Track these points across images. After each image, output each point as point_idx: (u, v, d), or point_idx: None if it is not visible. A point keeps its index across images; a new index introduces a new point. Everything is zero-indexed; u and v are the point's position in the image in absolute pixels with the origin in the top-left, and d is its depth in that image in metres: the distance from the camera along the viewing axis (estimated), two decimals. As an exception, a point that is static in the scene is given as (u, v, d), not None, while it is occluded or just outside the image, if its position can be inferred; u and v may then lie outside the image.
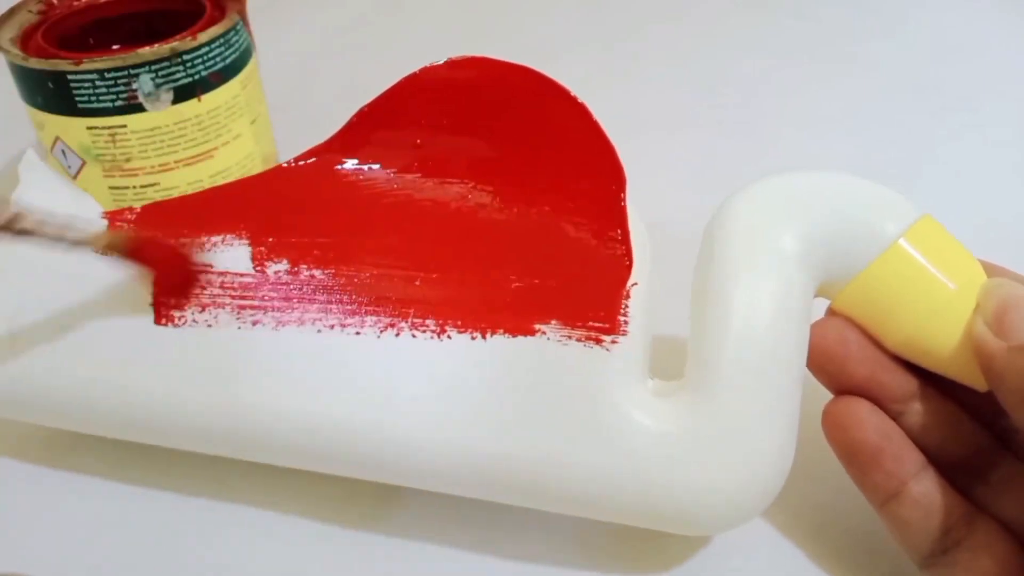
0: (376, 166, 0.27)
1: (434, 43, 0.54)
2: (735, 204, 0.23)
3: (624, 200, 0.24)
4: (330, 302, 0.24)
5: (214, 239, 0.25)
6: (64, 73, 0.31)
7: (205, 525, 0.26)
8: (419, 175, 0.27)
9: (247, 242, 0.25)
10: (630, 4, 0.58)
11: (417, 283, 0.24)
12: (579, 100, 0.25)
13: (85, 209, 0.27)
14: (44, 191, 0.26)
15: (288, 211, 0.26)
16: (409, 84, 0.26)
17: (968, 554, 0.21)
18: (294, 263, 0.25)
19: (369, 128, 0.27)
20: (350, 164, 0.27)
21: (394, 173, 0.27)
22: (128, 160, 0.32)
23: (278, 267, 0.25)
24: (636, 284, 0.23)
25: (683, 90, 0.47)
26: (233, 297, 0.24)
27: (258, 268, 0.25)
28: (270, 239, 0.25)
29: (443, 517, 0.25)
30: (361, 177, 0.27)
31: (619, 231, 0.24)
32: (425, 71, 0.26)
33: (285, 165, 0.27)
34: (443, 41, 0.54)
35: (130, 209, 0.26)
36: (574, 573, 0.24)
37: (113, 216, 0.26)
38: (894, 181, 0.39)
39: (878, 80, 0.48)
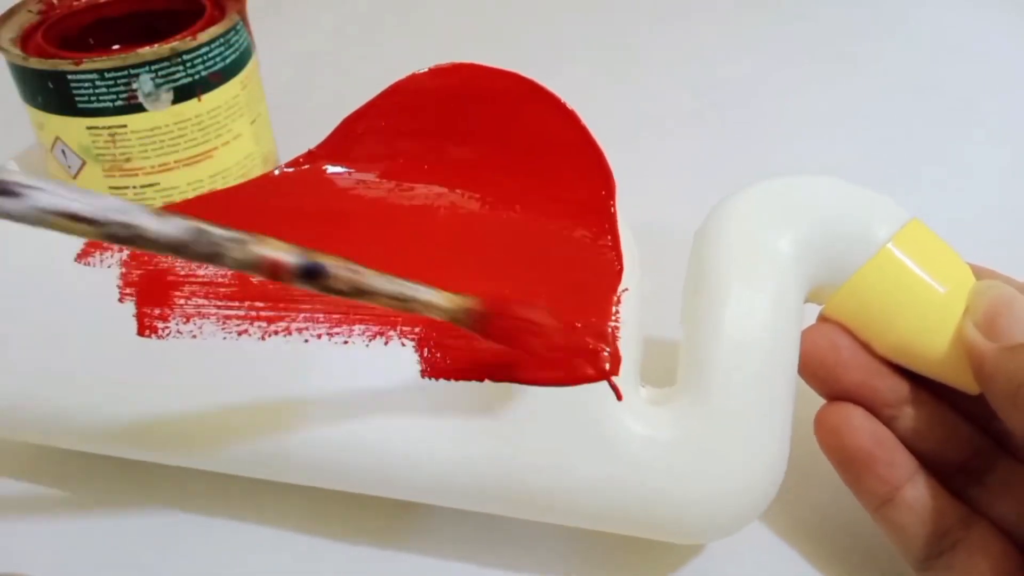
0: (364, 173, 0.27)
1: (435, 43, 0.54)
2: (726, 209, 0.23)
3: (614, 206, 0.24)
4: (316, 311, 0.23)
5: None
6: (64, 73, 0.31)
7: (204, 539, 0.25)
8: (407, 182, 0.26)
9: None
10: (628, 4, 0.58)
11: None
12: (568, 106, 0.25)
13: (64, 237, 0.26)
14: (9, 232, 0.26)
15: (274, 219, 0.26)
16: (396, 91, 0.26)
17: (964, 556, 0.21)
18: None
19: (356, 135, 0.27)
20: (337, 171, 0.27)
21: (381, 180, 0.26)
22: (128, 160, 0.32)
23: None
24: (627, 290, 0.23)
25: (681, 91, 0.47)
26: (218, 307, 0.24)
27: (243, 277, 0.24)
28: None
29: (435, 527, 0.25)
30: (348, 184, 0.26)
31: (609, 237, 0.24)
32: (411, 78, 0.26)
33: (271, 173, 0.27)
34: (443, 41, 0.54)
35: None
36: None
37: None
38: (894, 181, 0.40)
39: (878, 80, 0.48)
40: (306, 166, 0.27)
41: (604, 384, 0.22)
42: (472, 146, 0.26)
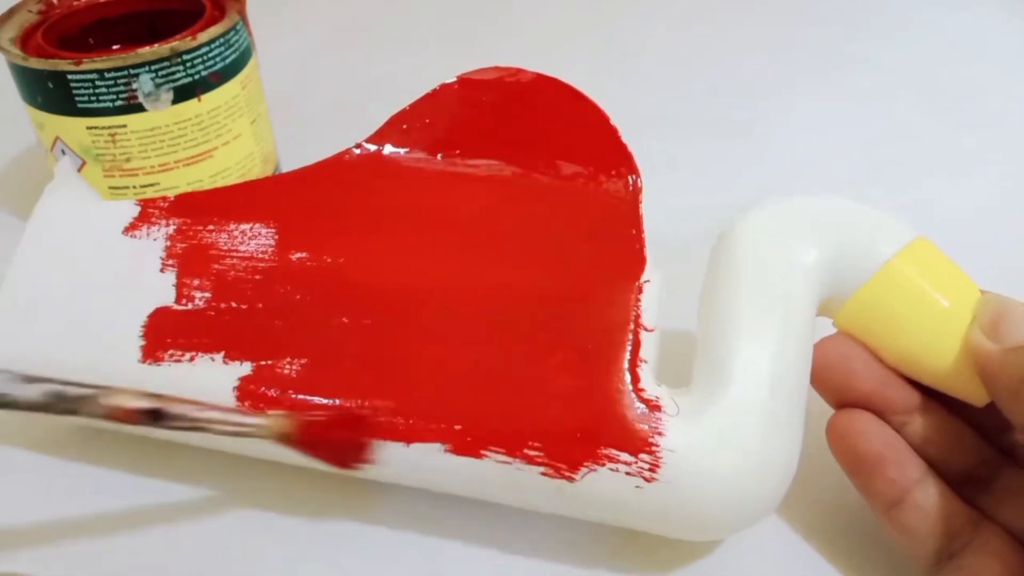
0: (408, 156, 0.28)
1: (434, 43, 0.54)
2: (742, 227, 0.24)
3: (640, 202, 0.26)
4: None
5: (243, 227, 0.26)
6: (64, 73, 0.31)
7: (203, 519, 0.26)
8: (446, 175, 0.27)
9: (274, 230, 0.26)
10: (632, 5, 0.58)
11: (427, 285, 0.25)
12: (600, 108, 0.26)
13: (114, 212, 0.27)
14: (72, 194, 0.28)
15: (317, 204, 0.27)
16: (439, 92, 0.28)
17: (973, 559, 0.21)
18: (316, 251, 0.26)
19: (400, 131, 0.28)
20: (393, 152, 0.28)
21: (423, 171, 0.28)
22: (128, 160, 0.32)
23: (301, 255, 0.26)
24: (648, 281, 0.24)
25: (685, 92, 0.47)
26: (257, 280, 0.25)
27: (282, 254, 0.26)
28: (296, 229, 0.26)
29: (442, 512, 0.25)
30: (389, 177, 0.28)
31: (634, 230, 0.25)
32: (456, 80, 0.28)
33: (322, 161, 0.28)
34: (443, 41, 0.54)
35: (163, 197, 0.27)
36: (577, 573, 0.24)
37: (146, 204, 0.27)
38: (897, 183, 0.40)
39: (882, 82, 0.48)
40: (355, 156, 0.28)
41: (626, 383, 0.22)
42: (508, 143, 0.27)
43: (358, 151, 0.28)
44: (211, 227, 0.26)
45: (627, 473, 0.21)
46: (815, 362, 0.23)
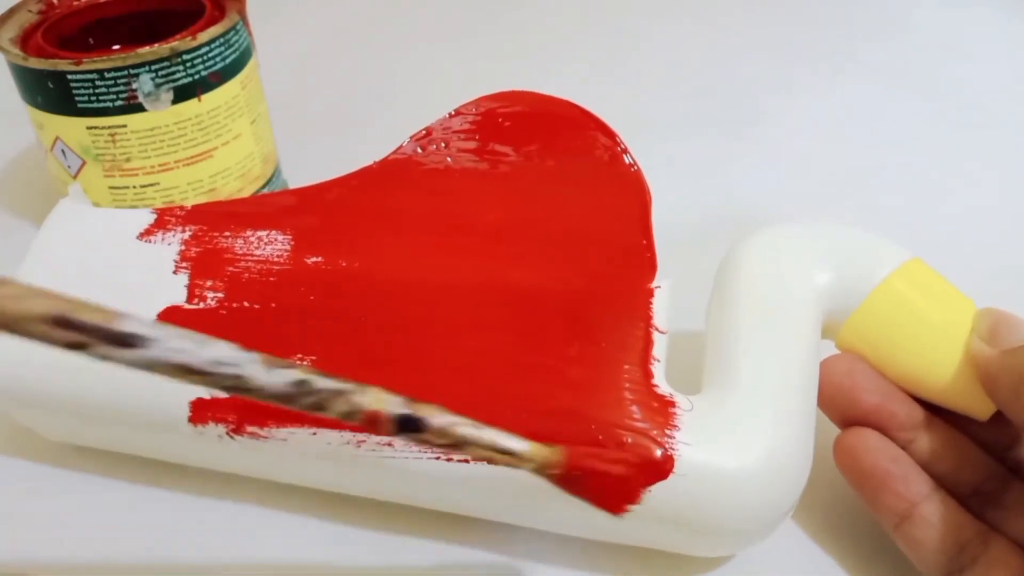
0: (425, 160, 0.28)
1: (434, 44, 0.54)
2: (744, 252, 0.25)
3: (650, 211, 0.26)
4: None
5: (259, 233, 0.27)
6: (64, 73, 0.31)
7: (210, 524, 0.26)
8: (461, 181, 0.28)
9: (290, 236, 0.27)
10: (631, 5, 0.58)
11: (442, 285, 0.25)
12: (610, 128, 0.27)
13: (130, 218, 0.27)
14: (80, 211, 0.28)
15: (332, 212, 0.28)
16: (459, 113, 0.29)
17: (984, 570, 0.21)
18: (331, 256, 0.26)
19: (414, 157, 0.28)
20: (402, 157, 0.29)
21: (440, 175, 0.28)
22: (128, 160, 0.32)
23: (316, 259, 0.26)
24: (660, 287, 0.25)
25: (685, 92, 0.47)
26: (270, 283, 0.25)
27: (297, 258, 0.26)
28: (312, 235, 0.27)
29: (452, 519, 0.25)
30: (405, 181, 0.28)
31: (645, 240, 0.26)
32: (474, 102, 0.28)
33: (336, 179, 0.28)
34: (443, 41, 0.54)
35: (180, 207, 0.28)
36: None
37: (162, 212, 0.27)
38: (897, 183, 0.39)
39: (882, 82, 0.48)
40: (362, 178, 0.28)
41: (638, 379, 0.23)
42: (524, 158, 0.28)
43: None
44: (227, 233, 0.27)
45: None
46: (822, 381, 0.23)
